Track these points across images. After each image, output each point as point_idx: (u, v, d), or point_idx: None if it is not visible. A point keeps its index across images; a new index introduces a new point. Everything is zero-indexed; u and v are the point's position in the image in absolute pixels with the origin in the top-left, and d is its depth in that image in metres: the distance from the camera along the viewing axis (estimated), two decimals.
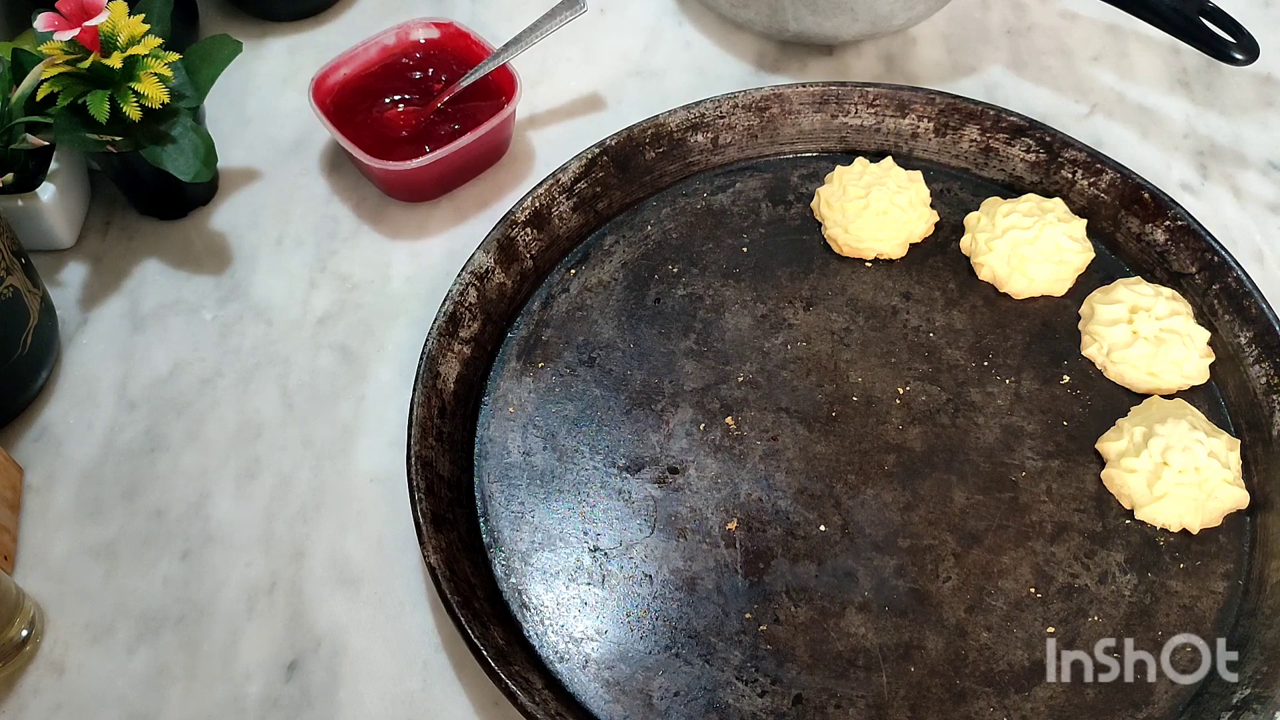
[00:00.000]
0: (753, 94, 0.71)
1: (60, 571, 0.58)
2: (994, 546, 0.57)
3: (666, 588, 0.56)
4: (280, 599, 0.57)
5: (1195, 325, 0.62)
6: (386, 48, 0.73)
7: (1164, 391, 0.61)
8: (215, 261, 0.70)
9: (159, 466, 0.62)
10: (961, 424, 0.61)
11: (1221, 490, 0.57)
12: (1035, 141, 0.69)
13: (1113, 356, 0.62)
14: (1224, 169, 0.73)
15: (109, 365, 0.66)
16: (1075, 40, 0.80)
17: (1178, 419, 0.58)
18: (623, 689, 0.53)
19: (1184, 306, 0.63)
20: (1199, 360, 0.61)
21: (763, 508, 0.58)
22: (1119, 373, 0.62)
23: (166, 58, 0.63)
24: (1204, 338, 0.62)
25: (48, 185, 0.66)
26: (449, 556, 0.55)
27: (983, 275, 0.66)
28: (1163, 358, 0.61)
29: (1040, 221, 0.65)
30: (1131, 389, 0.62)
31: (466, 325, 0.63)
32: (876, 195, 0.66)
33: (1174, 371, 0.61)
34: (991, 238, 0.65)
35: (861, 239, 0.66)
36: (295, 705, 0.54)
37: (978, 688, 0.53)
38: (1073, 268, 0.65)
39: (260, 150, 0.75)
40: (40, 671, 0.55)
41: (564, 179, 0.68)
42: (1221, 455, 0.57)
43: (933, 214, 0.68)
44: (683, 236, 0.69)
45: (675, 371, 0.63)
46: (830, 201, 0.68)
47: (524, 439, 0.61)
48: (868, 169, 0.68)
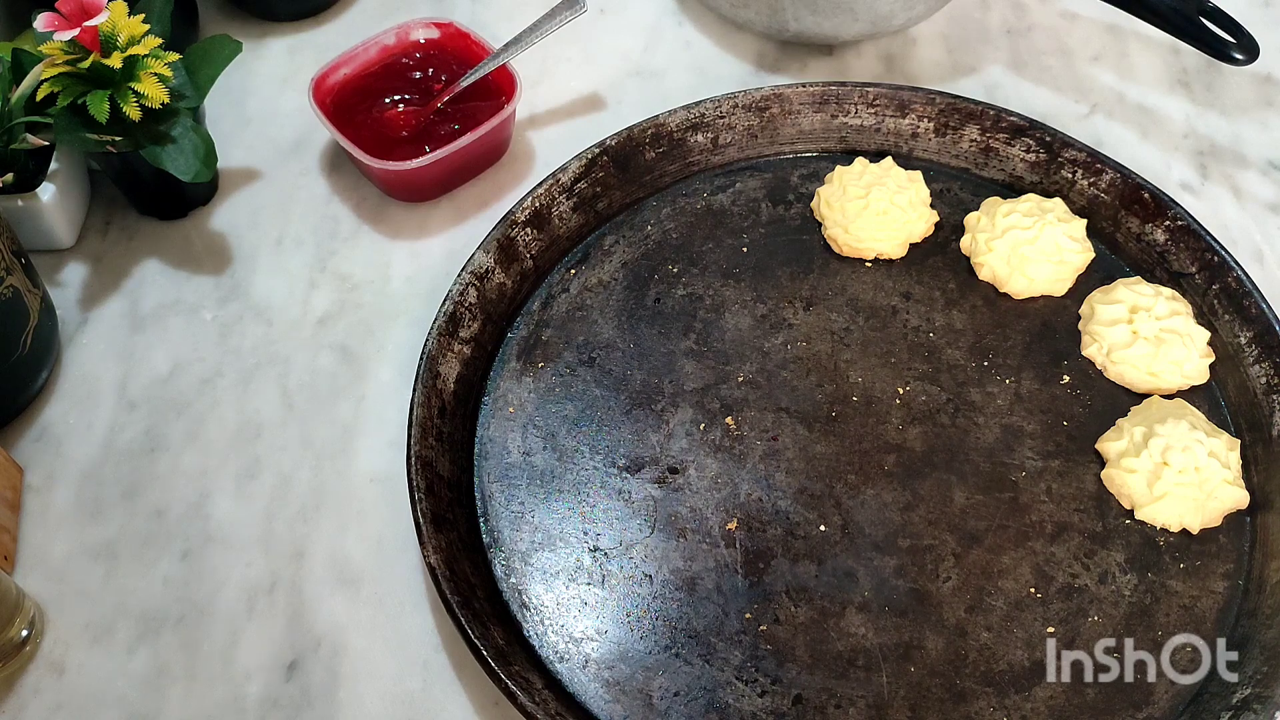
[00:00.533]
0: (753, 94, 0.71)
1: (60, 571, 0.58)
2: (994, 546, 0.57)
3: (666, 588, 0.56)
4: (280, 599, 0.57)
5: (1195, 325, 0.62)
6: (386, 48, 0.73)
7: (1164, 391, 0.61)
8: (215, 261, 0.70)
9: (159, 466, 0.62)
10: (961, 424, 0.61)
11: (1221, 490, 0.57)
12: (1035, 141, 0.69)
13: (1113, 356, 0.62)
14: (1224, 169, 0.73)
15: (109, 365, 0.66)
16: (1075, 40, 0.80)
17: (1178, 419, 0.58)
18: (623, 689, 0.53)
19: (1184, 306, 0.63)
20: (1199, 360, 0.61)
21: (763, 508, 0.58)
22: (1119, 373, 0.62)
23: (166, 58, 0.63)
24: (1204, 338, 0.62)
25: (48, 185, 0.66)
26: (449, 556, 0.55)
27: (983, 275, 0.66)
28: (1163, 358, 0.61)
29: (1040, 221, 0.65)
30: (1131, 389, 0.62)
31: (466, 325, 0.63)
32: (876, 195, 0.66)
33: (1174, 371, 0.61)
34: (991, 238, 0.65)
35: (861, 239, 0.66)
36: (295, 705, 0.54)
37: (978, 688, 0.53)
38: (1073, 268, 0.65)
39: (260, 150, 0.75)
40: (40, 671, 0.55)
41: (564, 179, 0.68)
42: (1221, 455, 0.57)
43: (933, 214, 0.68)
44: (683, 236, 0.69)
45: (675, 371, 0.63)
46: (830, 201, 0.68)
47: (524, 439, 0.61)
48: (868, 169, 0.68)
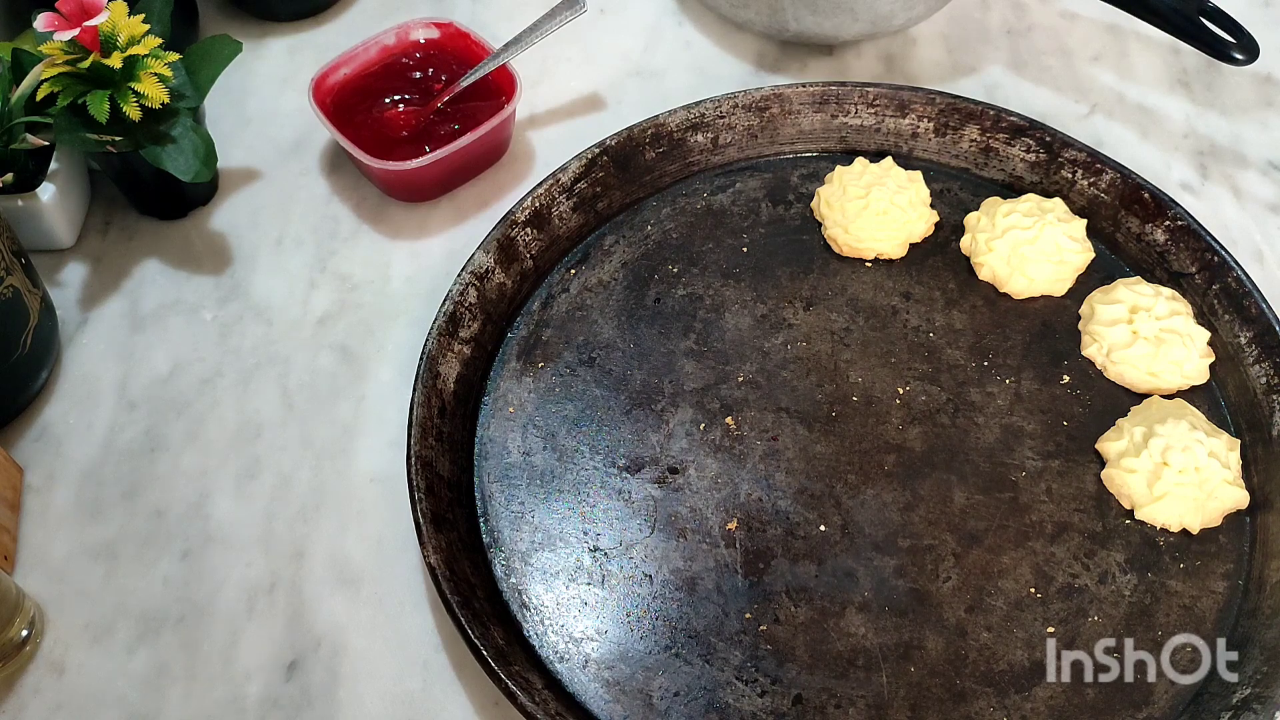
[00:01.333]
0: (753, 94, 0.71)
1: (60, 571, 0.58)
2: (994, 546, 0.57)
3: (666, 588, 0.56)
4: (280, 599, 0.57)
5: (1195, 325, 0.62)
6: (386, 48, 0.73)
7: (1164, 391, 0.61)
8: (215, 261, 0.70)
9: (159, 466, 0.62)
10: (961, 424, 0.61)
11: (1221, 490, 0.57)
12: (1035, 141, 0.69)
13: (1113, 356, 0.62)
14: (1224, 169, 0.73)
15: (109, 365, 0.66)
16: (1075, 40, 0.80)
17: (1178, 419, 0.58)
18: (623, 689, 0.53)
19: (1184, 306, 0.63)
20: (1199, 360, 0.61)
21: (763, 508, 0.58)
22: (1119, 373, 0.62)
23: (166, 58, 0.63)
24: (1204, 338, 0.62)
25: (48, 185, 0.66)
26: (449, 556, 0.55)
27: (983, 275, 0.66)
28: (1163, 358, 0.61)
29: (1040, 221, 0.65)
30: (1131, 389, 0.62)
31: (466, 325, 0.63)
32: (876, 195, 0.66)
33: (1174, 371, 0.61)
34: (991, 238, 0.65)
35: (861, 239, 0.66)
36: (295, 705, 0.54)
37: (978, 688, 0.53)
38: (1073, 268, 0.65)
39: (260, 150, 0.75)
40: (40, 671, 0.55)
41: (564, 179, 0.68)
42: (1221, 455, 0.57)
43: (933, 214, 0.68)
44: (683, 236, 0.69)
45: (675, 371, 0.63)
46: (830, 201, 0.68)
47: (524, 439, 0.61)
48: (868, 169, 0.68)
